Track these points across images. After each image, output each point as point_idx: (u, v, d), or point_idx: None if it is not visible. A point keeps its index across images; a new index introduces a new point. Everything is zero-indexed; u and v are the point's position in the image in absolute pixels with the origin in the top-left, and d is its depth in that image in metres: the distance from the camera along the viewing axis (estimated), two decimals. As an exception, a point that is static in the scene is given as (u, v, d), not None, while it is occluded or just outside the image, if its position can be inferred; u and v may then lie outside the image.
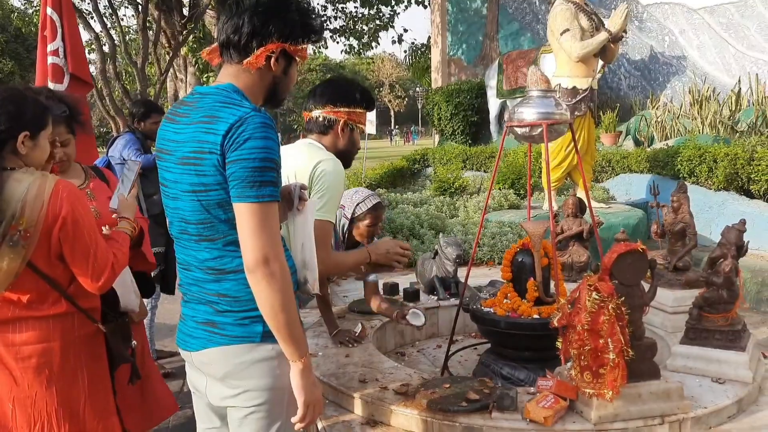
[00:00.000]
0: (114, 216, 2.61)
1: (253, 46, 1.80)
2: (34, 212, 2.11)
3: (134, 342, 2.67)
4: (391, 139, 57.42)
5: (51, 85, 5.17)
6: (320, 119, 2.83)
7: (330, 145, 2.83)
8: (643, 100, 11.25)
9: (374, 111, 11.13)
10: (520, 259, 3.27)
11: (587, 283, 2.44)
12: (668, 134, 9.80)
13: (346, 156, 2.87)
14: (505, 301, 3.26)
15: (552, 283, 3.29)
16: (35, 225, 2.12)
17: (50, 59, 5.22)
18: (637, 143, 10.14)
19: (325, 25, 17.65)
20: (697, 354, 2.90)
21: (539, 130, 3.29)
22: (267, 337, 1.80)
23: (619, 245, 2.54)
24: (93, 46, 12.78)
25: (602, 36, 7.07)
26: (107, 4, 14.15)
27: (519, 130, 3.38)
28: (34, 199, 2.12)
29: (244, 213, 1.69)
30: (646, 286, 2.58)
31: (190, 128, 1.77)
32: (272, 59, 1.82)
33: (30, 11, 18.94)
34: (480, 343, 3.87)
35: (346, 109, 2.78)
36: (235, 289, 1.81)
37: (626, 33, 7.42)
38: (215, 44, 1.91)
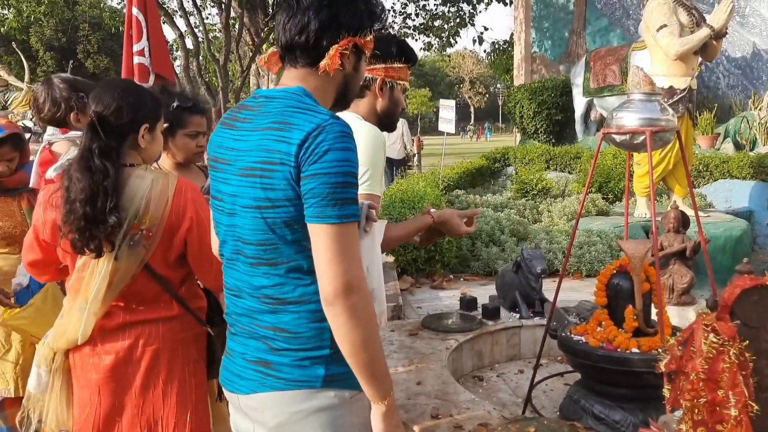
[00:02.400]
0: None
1: (324, 45, 1.58)
2: (158, 210, 2.03)
3: None
4: (462, 135, 56.51)
5: None
6: None
7: (368, 109, 2.36)
8: (744, 101, 10.52)
9: (453, 109, 10.71)
10: (616, 283, 2.93)
11: (703, 323, 2.08)
12: (773, 137, 9.09)
13: (388, 119, 2.44)
14: (598, 329, 2.92)
15: (654, 311, 2.93)
16: (158, 224, 2.04)
17: (136, 59, 5.24)
18: (738, 146, 9.46)
19: (405, 22, 17.45)
20: (830, 405, 2.48)
21: (641, 138, 2.93)
22: (330, 381, 1.55)
23: (742, 278, 2.16)
24: (178, 43, 12.96)
25: (703, 32, 6.55)
26: (192, 2, 14.36)
27: (618, 138, 3.03)
28: (159, 196, 2.04)
29: (323, 235, 1.46)
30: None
31: (255, 135, 1.54)
32: (345, 57, 1.60)
33: (124, 11, 19.48)
34: (568, 372, 3.52)
35: (382, 65, 2.32)
36: (295, 323, 1.56)
37: (728, 29, 6.85)
38: (271, 50, 1.68)
